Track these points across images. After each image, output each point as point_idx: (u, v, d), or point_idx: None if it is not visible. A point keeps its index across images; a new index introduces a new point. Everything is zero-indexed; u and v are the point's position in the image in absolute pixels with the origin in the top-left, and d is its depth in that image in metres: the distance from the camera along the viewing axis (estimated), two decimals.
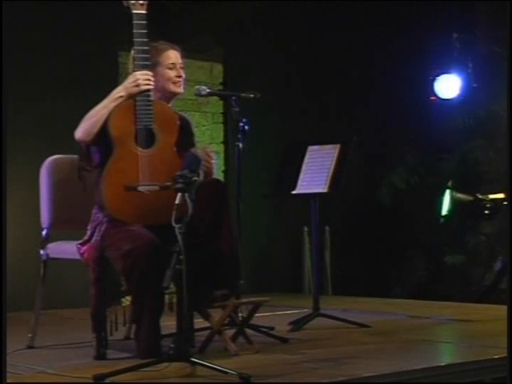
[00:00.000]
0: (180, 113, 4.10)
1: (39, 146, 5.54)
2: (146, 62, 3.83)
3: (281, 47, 7.31)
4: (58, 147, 4.40)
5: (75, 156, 4.00)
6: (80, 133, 3.78)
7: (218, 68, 7.21)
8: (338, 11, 7.45)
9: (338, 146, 4.78)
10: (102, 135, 3.77)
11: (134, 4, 3.82)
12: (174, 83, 4.02)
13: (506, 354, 3.63)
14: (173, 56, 4.04)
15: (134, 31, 3.80)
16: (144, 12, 3.82)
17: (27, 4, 5.88)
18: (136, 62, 3.85)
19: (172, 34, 4.84)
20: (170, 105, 4.05)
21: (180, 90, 4.06)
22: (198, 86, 4.35)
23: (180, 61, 4.07)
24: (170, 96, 4.05)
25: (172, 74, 4.02)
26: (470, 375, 3.64)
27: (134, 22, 3.80)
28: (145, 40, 3.81)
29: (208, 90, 4.36)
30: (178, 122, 3.95)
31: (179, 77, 4.04)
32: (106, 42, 6.25)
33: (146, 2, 3.83)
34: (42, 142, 5.76)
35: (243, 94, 4.30)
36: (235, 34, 7.05)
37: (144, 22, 3.81)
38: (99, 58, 6.24)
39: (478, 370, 3.68)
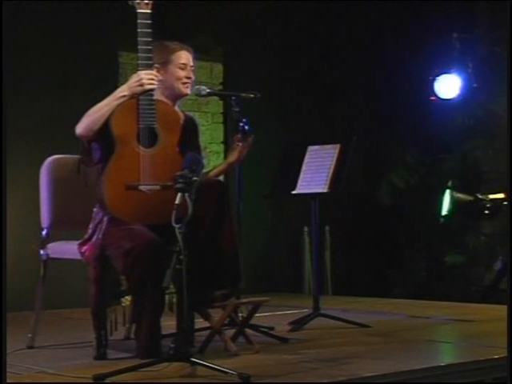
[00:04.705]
0: (187, 113, 4.10)
1: (39, 146, 5.54)
2: (150, 62, 3.82)
3: (281, 47, 7.31)
4: (58, 147, 4.40)
5: (75, 156, 4.00)
6: (81, 128, 3.78)
7: (218, 68, 7.21)
8: (338, 11, 7.45)
9: (338, 146, 4.78)
10: (104, 133, 3.76)
11: (138, 3, 3.81)
12: (183, 83, 4.02)
13: (506, 354, 3.63)
14: (185, 57, 4.05)
15: (139, 30, 3.79)
16: (149, 11, 3.81)
17: (27, 4, 5.88)
18: (140, 62, 3.83)
19: (172, 33, 4.83)
20: (176, 105, 4.05)
21: (187, 91, 4.06)
22: (198, 86, 4.35)
23: (191, 63, 4.08)
24: (177, 96, 4.05)
25: (182, 73, 4.02)
26: (470, 375, 3.64)
27: (139, 21, 3.79)
28: (149, 40, 3.79)
29: (208, 90, 4.37)
30: (182, 122, 3.95)
31: (189, 78, 4.04)
32: (106, 41, 6.25)
33: (150, 2, 3.81)
34: (42, 142, 5.76)
35: (243, 94, 4.31)
36: (235, 34, 7.05)
37: (148, 21, 3.79)
38: (99, 58, 6.24)
39: (478, 369, 3.68)
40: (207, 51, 6.96)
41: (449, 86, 7.37)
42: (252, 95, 4.31)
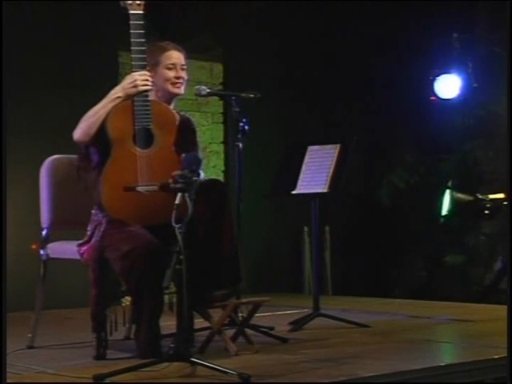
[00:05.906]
0: (181, 112, 4.10)
1: (39, 146, 5.54)
2: (143, 63, 3.82)
3: (281, 47, 7.31)
4: (58, 147, 4.39)
5: (75, 156, 4.00)
6: (78, 134, 3.79)
7: (218, 68, 7.22)
8: (338, 11, 7.45)
9: (338, 146, 4.78)
10: (101, 136, 3.76)
11: (131, 4, 3.81)
12: (173, 84, 4.00)
13: (506, 354, 3.63)
14: (174, 56, 4.03)
15: (131, 31, 3.79)
16: (141, 12, 3.82)
17: (27, 4, 5.88)
18: (133, 63, 3.83)
19: (172, 34, 4.84)
20: (171, 105, 4.05)
21: (179, 90, 4.04)
22: (198, 86, 4.36)
23: (182, 62, 4.06)
24: (170, 96, 4.04)
25: (170, 74, 4.00)
26: (470, 375, 3.63)
27: (131, 22, 3.80)
28: (142, 40, 3.79)
29: (208, 90, 4.37)
30: (177, 122, 3.95)
31: (178, 78, 4.02)
32: (106, 41, 6.24)
33: (142, 2, 3.82)
34: (42, 142, 5.76)
35: (243, 94, 4.31)
36: (235, 34, 7.05)
37: (141, 22, 3.80)
38: (99, 58, 6.24)
39: (478, 369, 3.68)
40: (207, 51, 6.96)
41: (449, 85, 7.38)
42: (252, 95, 4.31)
